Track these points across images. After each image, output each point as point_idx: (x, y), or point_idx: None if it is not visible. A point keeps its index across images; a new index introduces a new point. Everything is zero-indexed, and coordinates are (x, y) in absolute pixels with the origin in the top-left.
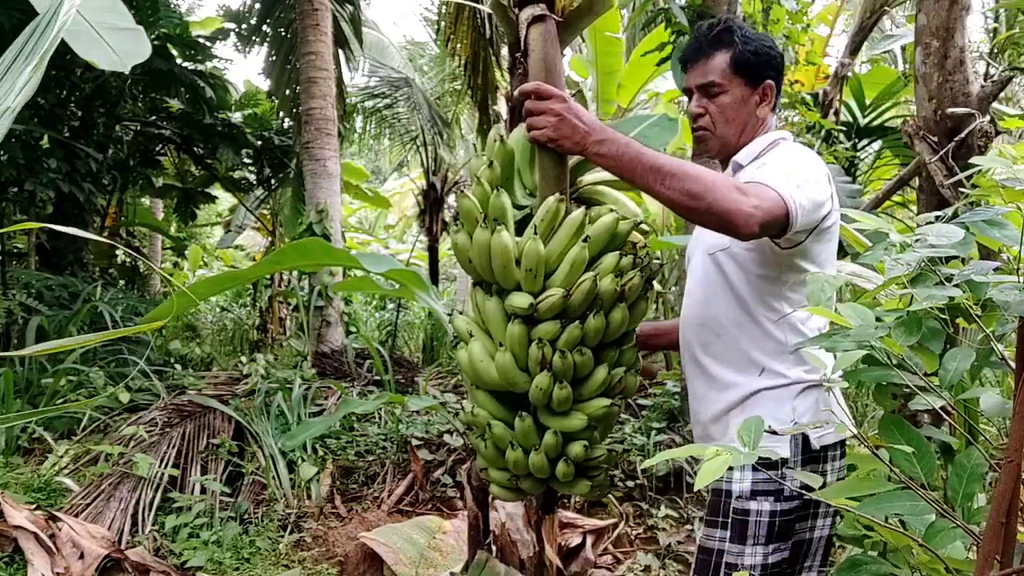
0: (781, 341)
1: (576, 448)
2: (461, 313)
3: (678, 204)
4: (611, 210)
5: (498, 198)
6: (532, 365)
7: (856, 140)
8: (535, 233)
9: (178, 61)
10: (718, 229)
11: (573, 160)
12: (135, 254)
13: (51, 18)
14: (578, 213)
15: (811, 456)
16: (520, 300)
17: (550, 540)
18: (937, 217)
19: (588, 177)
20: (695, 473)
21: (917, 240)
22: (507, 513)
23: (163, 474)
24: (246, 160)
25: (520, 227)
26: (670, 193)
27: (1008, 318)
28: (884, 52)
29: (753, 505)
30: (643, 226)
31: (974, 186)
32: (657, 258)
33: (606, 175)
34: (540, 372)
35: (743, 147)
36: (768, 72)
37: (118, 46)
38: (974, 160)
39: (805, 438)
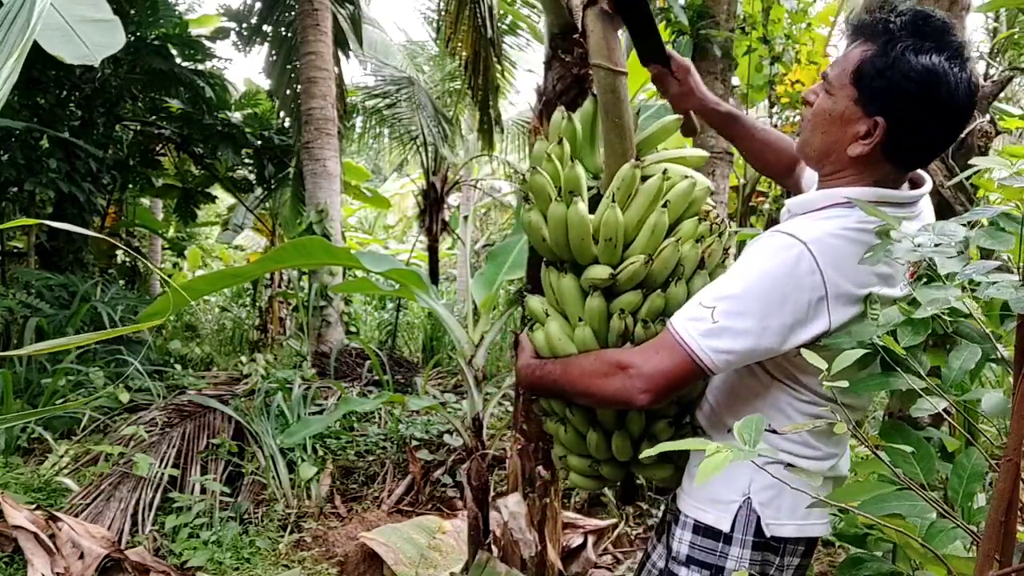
0: (758, 411)
1: (661, 426)
2: (533, 293)
3: (587, 404)
4: (685, 176)
5: (573, 170)
6: (613, 338)
7: None
8: (612, 201)
9: (178, 61)
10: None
11: (638, 138)
12: (134, 254)
13: (23, 4)
14: (655, 179)
15: (764, 542)
16: (599, 271)
17: (553, 540)
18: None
19: (651, 156)
20: None
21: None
22: (510, 513)
23: (163, 474)
24: (246, 160)
25: (589, 209)
26: (579, 400)
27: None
28: None
29: (683, 572)
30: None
31: (974, 186)
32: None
33: (669, 153)
34: (622, 345)
35: (823, 180)
36: (885, 103)
37: (90, 38)
38: (974, 160)
39: (757, 521)
